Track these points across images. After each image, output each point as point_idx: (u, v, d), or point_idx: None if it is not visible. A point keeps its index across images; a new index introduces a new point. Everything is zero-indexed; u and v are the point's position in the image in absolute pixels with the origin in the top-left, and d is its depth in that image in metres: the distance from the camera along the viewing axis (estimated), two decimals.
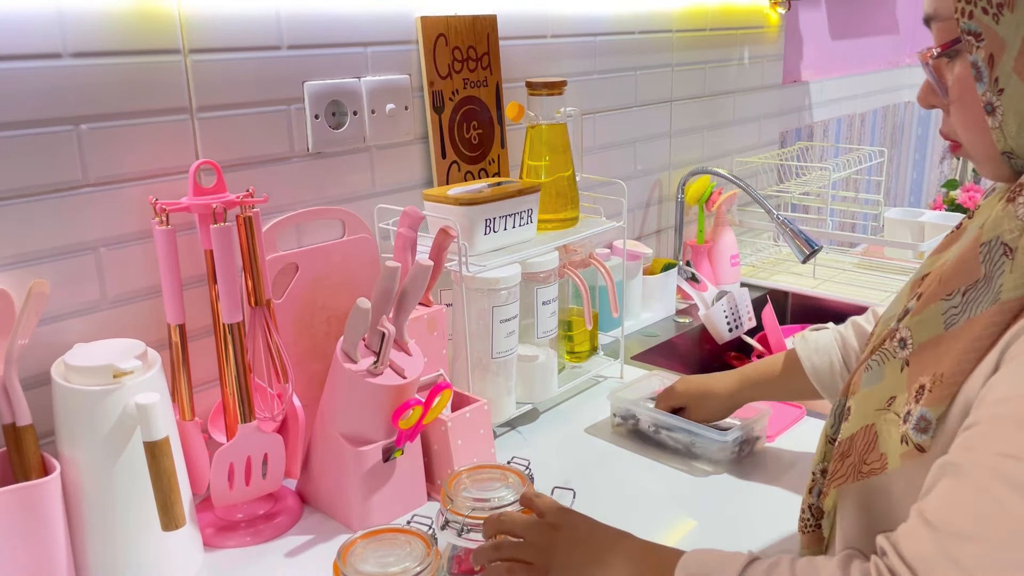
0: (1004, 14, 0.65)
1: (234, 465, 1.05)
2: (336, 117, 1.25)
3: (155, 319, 1.10)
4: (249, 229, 1.05)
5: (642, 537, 0.84)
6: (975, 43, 0.67)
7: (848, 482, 0.76)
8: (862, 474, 0.74)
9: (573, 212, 1.40)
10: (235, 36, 1.12)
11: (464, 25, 1.39)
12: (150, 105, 1.06)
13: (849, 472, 0.76)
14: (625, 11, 1.70)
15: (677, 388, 1.26)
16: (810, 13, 2.34)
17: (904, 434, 0.70)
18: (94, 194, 1.03)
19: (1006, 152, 0.70)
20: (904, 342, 0.73)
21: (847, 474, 0.76)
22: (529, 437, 1.32)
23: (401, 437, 1.07)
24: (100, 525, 0.94)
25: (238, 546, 1.06)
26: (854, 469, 0.75)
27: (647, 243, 1.93)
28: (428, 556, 0.86)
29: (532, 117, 1.38)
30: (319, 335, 1.22)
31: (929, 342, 0.70)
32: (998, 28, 0.66)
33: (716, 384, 1.22)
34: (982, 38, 0.67)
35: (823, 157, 2.47)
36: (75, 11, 0.98)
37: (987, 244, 0.68)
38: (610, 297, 1.46)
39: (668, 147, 1.92)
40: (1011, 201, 0.68)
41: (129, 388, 0.92)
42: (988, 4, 0.66)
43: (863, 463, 0.74)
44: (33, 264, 1.00)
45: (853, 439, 0.76)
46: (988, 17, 0.66)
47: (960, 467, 0.62)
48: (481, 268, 1.21)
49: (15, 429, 0.92)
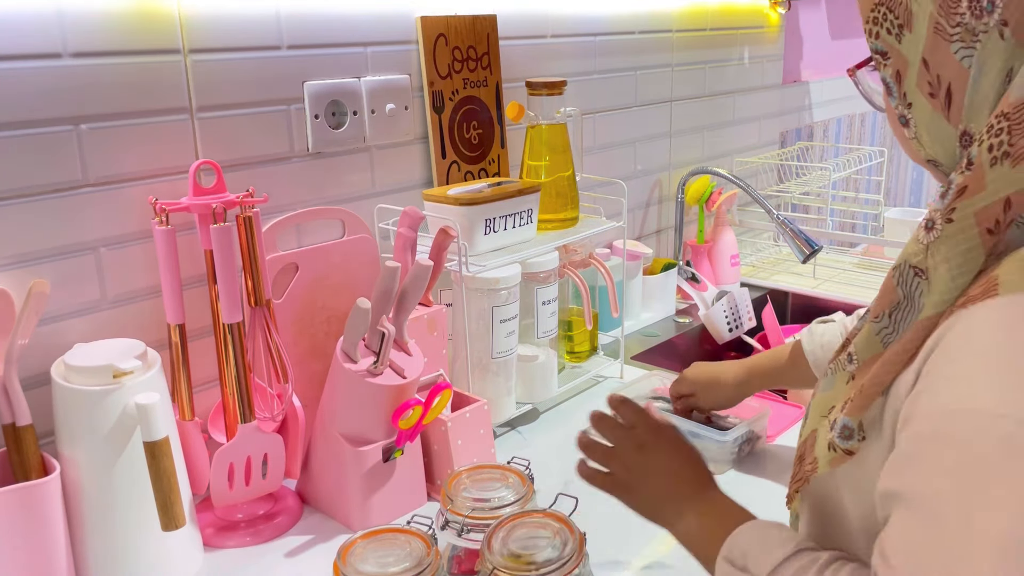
0: (904, 34, 0.68)
1: (234, 465, 1.05)
2: (336, 117, 1.25)
3: (155, 319, 1.10)
4: (249, 229, 1.05)
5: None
6: (883, 61, 0.70)
7: (802, 484, 0.78)
8: (807, 477, 0.76)
9: (573, 212, 1.40)
10: (235, 36, 1.12)
11: (464, 25, 1.39)
12: (150, 105, 1.06)
13: (802, 475, 0.78)
14: (625, 11, 1.70)
15: (687, 375, 1.27)
16: (810, 13, 2.34)
17: (830, 441, 0.72)
18: (94, 194, 1.03)
19: (930, 160, 0.71)
20: (851, 356, 0.75)
21: (801, 477, 0.78)
22: (529, 437, 1.32)
23: (401, 437, 1.07)
24: (100, 525, 0.94)
25: (238, 546, 1.06)
26: (804, 472, 0.77)
27: (647, 243, 1.93)
28: (428, 556, 0.86)
29: (532, 117, 1.38)
30: (319, 335, 1.22)
31: (871, 359, 0.72)
32: (900, 47, 0.69)
33: (725, 373, 1.24)
34: (888, 56, 0.70)
35: (823, 157, 2.47)
36: (75, 11, 0.98)
37: (898, 268, 0.70)
38: (610, 297, 1.46)
39: (668, 147, 1.92)
40: (923, 227, 0.68)
41: (129, 388, 0.92)
42: (891, 25, 0.69)
43: (806, 464, 0.77)
44: (33, 264, 1.00)
45: (805, 442, 0.79)
46: (892, 37, 0.69)
47: (902, 497, 0.61)
48: (481, 268, 1.21)
49: (15, 429, 0.92)
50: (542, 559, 0.83)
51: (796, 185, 2.21)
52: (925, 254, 0.67)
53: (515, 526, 0.88)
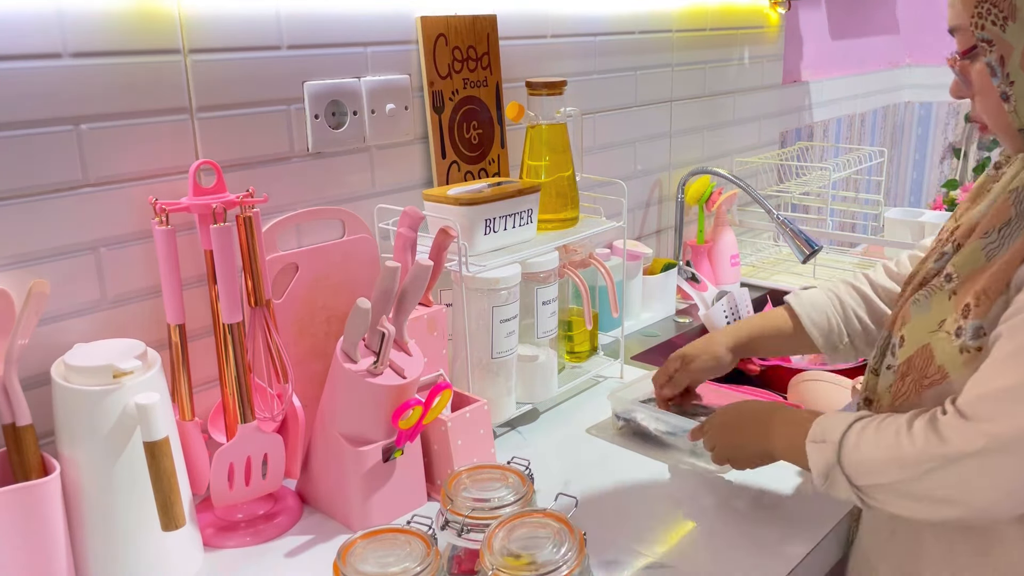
0: (1008, 25, 0.85)
1: (234, 465, 1.05)
2: (336, 117, 1.25)
3: (155, 319, 1.10)
4: (249, 229, 1.05)
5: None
6: (988, 48, 0.87)
7: (911, 397, 0.93)
8: (924, 387, 0.91)
9: (573, 212, 1.40)
10: (235, 36, 1.12)
11: (464, 25, 1.39)
12: (150, 105, 1.06)
13: (910, 388, 0.93)
14: (625, 11, 1.70)
15: (683, 350, 1.27)
16: (810, 13, 2.34)
17: (961, 346, 0.87)
18: (94, 194, 1.03)
19: (1021, 129, 0.89)
20: (950, 276, 0.92)
21: (908, 391, 0.94)
22: (529, 437, 1.32)
23: (401, 437, 1.07)
24: (100, 525, 0.94)
25: (238, 546, 1.06)
26: (915, 384, 0.92)
27: (647, 243, 1.93)
28: (428, 556, 0.86)
29: (532, 117, 1.38)
30: (319, 335, 1.22)
31: (973, 272, 0.89)
32: (1005, 35, 0.85)
33: (714, 338, 1.27)
34: (993, 44, 0.86)
35: (823, 157, 2.48)
36: (75, 11, 0.98)
37: (1016, 191, 0.89)
38: (610, 297, 1.46)
39: (668, 147, 1.92)
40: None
41: (129, 388, 0.92)
42: (996, 17, 0.85)
43: (924, 378, 0.91)
44: (33, 264, 1.00)
45: (911, 360, 0.94)
46: (996, 27, 0.85)
47: (1000, 339, 0.82)
48: (481, 268, 1.21)
49: (15, 429, 0.92)
50: (542, 559, 0.83)
51: (796, 185, 2.21)
52: None
53: (515, 526, 0.88)
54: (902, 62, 2.88)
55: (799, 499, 1.13)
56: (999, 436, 0.79)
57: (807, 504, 1.11)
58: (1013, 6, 0.84)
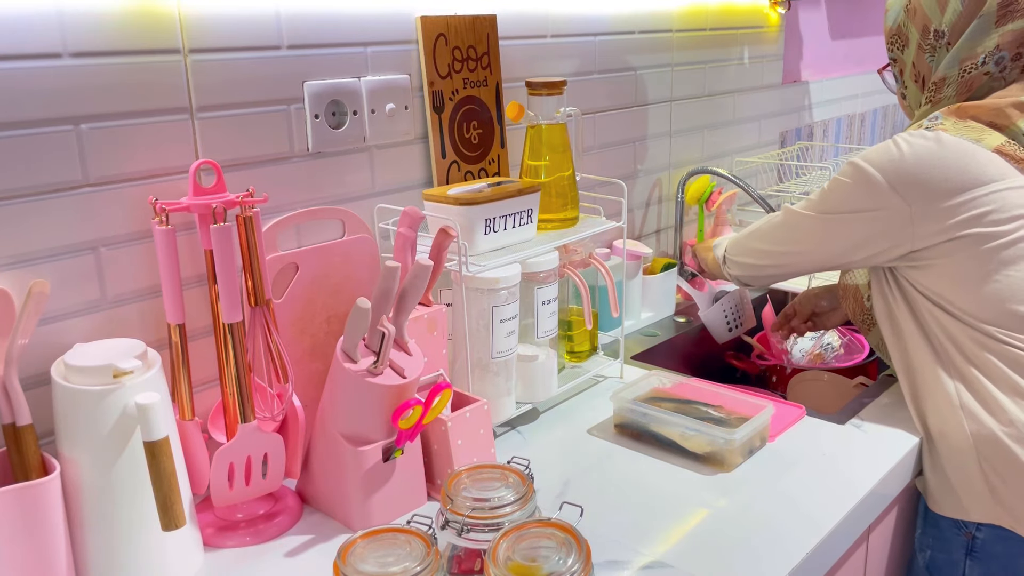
0: (905, 49, 1.33)
1: (234, 465, 1.05)
2: (336, 117, 1.25)
3: (155, 319, 1.10)
4: (249, 229, 1.05)
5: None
6: (895, 65, 1.37)
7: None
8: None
9: (573, 212, 1.40)
10: (235, 36, 1.12)
11: (464, 25, 1.39)
12: (150, 105, 1.06)
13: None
14: (625, 11, 1.71)
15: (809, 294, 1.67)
16: (810, 13, 2.34)
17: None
18: (94, 194, 1.03)
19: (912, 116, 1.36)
20: None
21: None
22: (529, 437, 1.32)
23: (401, 437, 1.07)
24: (100, 525, 0.94)
25: (238, 546, 1.06)
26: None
27: (647, 243, 1.93)
28: (428, 556, 0.86)
29: (532, 117, 1.38)
30: (319, 335, 1.22)
31: None
32: (903, 56, 1.34)
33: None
34: (897, 62, 1.36)
35: (823, 157, 2.47)
36: (75, 11, 0.98)
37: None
38: (610, 297, 1.46)
39: (668, 147, 1.92)
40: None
41: (129, 388, 0.92)
42: (899, 45, 1.34)
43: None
44: (33, 264, 1.00)
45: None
46: (899, 51, 1.34)
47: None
48: (481, 268, 1.21)
49: (15, 429, 0.92)
50: (548, 571, 0.83)
51: (796, 185, 2.21)
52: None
53: (520, 536, 0.88)
54: None
55: (799, 499, 1.13)
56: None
57: (807, 504, 1.12)
58: (906, 37, 1.31)
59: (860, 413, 1.36)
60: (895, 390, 1.43)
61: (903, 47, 1.32)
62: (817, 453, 1.24)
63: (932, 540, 1.29)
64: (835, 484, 1.16)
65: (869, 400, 1.40)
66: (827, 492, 1.14)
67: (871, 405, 1.39)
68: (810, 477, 1.18)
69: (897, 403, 1.37)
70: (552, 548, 0.86)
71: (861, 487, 1.15)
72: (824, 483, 1.16)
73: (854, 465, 1.21)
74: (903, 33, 1.32)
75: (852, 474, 1.18)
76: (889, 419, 1.34)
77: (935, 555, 1.29)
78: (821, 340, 1.82)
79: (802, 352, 1.81)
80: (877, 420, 1.34)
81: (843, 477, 1.18)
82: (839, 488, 1.15)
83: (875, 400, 1.40)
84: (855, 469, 1.20)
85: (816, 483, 1.16)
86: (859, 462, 1.22)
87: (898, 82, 1.37)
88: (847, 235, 1.25)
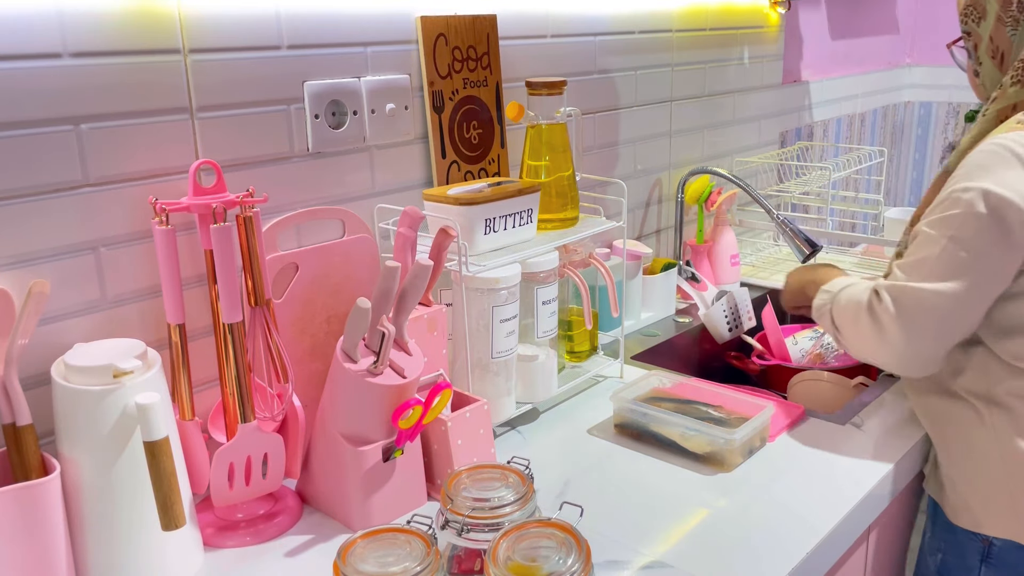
0: (981, 22, 1.21)
1: (234, 465, 1.05)
2: (336, 117, 1.25)
3: (155, 319, 1.10)
4: (249, 229, 1.05)
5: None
6: (968, 38, 1.24)
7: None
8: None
9: (573, 212, 1.40)
10: (235, 36, 1.12)
11: (464, 25, 1.39)
12: (150, 105, 1.06)
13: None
14: (625, 11, 1.71)
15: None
16: (810, 13, 2.34)
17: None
18: (94, 194, 1.03)
19: (987, 97, 1.22)
20: (899, 254, 1.26)
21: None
22: (529, 437, 1.32)
23: (401, 437, 1.07)
24: (100, 525, 0.94)
25: (238, 546, 1.06)
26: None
27: (647, 243, 1.93)
28: (428, 556, 0.86)
29: (532, 117, 1.38)
30: (319, 335, 1.22)
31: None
32: (979, 29, 1.22)
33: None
34: (971, 36, 1.24)
35: (823, 157, 2.47)
36: (75, 11, 0.98)
37: (945, 170, 1.18)
38: (610, 297, 1.46)
39: (668, 147, 1.92)
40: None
41: (129, 388, 0.92)
42: (974, 17, 1.22)
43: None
44: (33, 264, 1.00)
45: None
46: (974, 23, 1.22)
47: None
48: (481, 268, 1.21)
49: (15, 429, 0.92)
50: (548, 571, 0.83)
51: (796, 185, 2.21)
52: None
53: (520, 536, 0.88)
54: (902, 62, 2.88)
55: (799, 499, 1.13)
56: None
57: (807, 504, 1.12)
58: (984, 9, 1.21)
59: (860, 413, 1.36)
60: (895, 390, 1.43)
61: (979, 19, 1.19)
62: (817, 453, 1.24)
63: (944, 544, 1.27)
64: (835, 484, 1.16)
65: (869, 400, 1.40)
66: (827, 492, 1.14)
67: (871, 405, 1.39)
68: (810, 477, 1.18)
69: (897, 403, 1.37)
70: (552, 548, 0.86)
71: (861, 487, 1.15)
72: (824, 483, 1.16)
73: (854, 465, 1.21)
74: (979, 3, 1.20)
75: (852, 474, 1.18)
76: (889, 419, 1.34)
77: (947, 559, 1.27)
78: (821, 340, 1.82)
79: (802, 352, 1.81)
80: (877, 420, 1.34)
81: (843, 477, 1.18)
82: (839, 488, 1.15)
83: (875, 400, 1.40)
84: (855, 469, 1.20)
85: (816, 483, 1.17)
86: (859, 462, 1.22)
87: (971, 58, 1.24)
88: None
